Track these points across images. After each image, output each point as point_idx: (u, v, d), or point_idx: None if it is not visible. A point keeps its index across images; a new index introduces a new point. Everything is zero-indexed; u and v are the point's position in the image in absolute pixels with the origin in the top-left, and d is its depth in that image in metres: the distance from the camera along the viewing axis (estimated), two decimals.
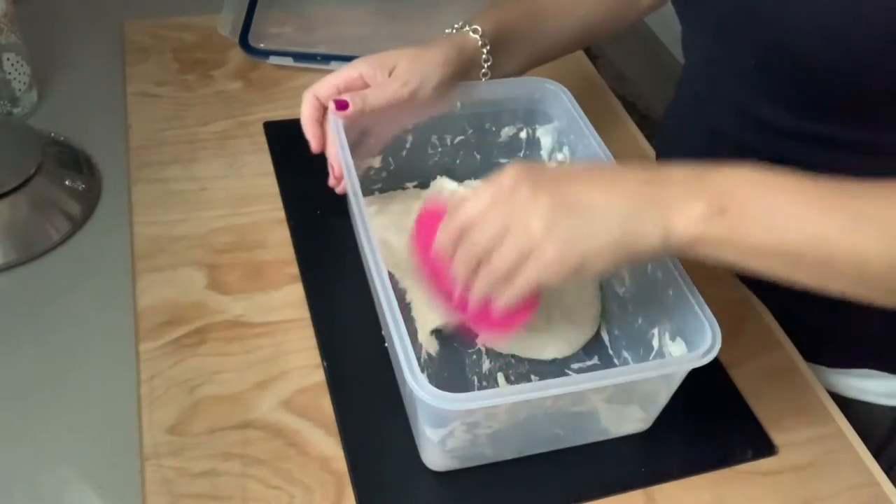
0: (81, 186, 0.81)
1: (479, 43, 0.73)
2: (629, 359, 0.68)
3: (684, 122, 0.84)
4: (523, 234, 0.52)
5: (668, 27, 2.65)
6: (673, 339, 0.62)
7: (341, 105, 0.68)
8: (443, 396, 0.52)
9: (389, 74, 0.70)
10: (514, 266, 0.53)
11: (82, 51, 0.99)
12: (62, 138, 0.86)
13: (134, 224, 0.77)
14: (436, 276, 0.60)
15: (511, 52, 0.76)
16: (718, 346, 0.56)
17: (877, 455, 0.66)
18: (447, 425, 0.56)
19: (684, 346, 0.61)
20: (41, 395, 0.65)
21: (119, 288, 0.73)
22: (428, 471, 0.62)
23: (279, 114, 0.91)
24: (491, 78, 0.76)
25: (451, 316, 0.61)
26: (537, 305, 0.59)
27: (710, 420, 0.67)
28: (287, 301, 0.72)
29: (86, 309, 0.71)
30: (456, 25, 0.74)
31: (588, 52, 1.09)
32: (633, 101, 2.14)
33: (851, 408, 0.70)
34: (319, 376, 0.67)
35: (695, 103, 0.80)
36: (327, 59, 0.99)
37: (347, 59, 0.98)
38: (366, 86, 0.70)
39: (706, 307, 0.59)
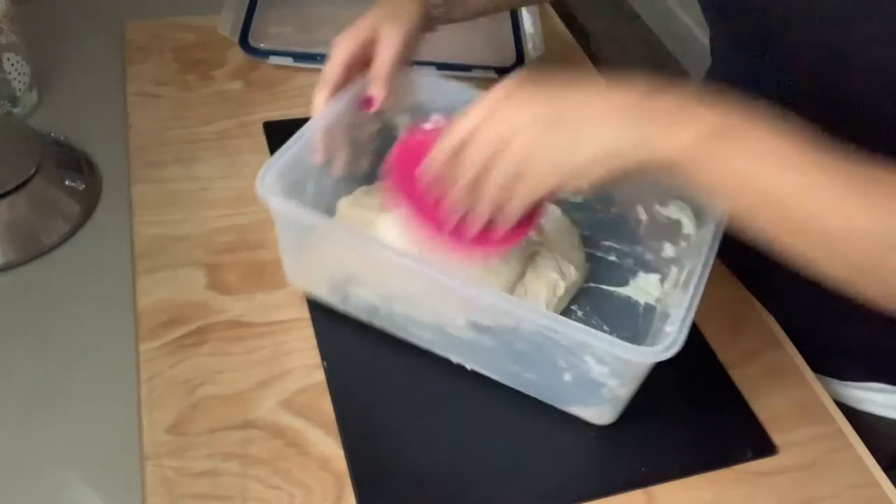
0: (81, 186, 0.81)
1: None
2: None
3: None
4: (517, 148, 0.54)
5: (669, 28, 2.65)
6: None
7: (371, 103, 0.70)
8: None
9: (375, 36, 0.71)
10: (511, 180, 0.54)
11: (82, 51, 0.99)
12: (62, 138, 0.86)
13: (134, 224, 0.77)
14: (422, 206, 0.61)
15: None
16: (675, 349, 0.56)
17: (887, 470, 0.66)
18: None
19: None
20: (41, 395, 0.65)
21: (119, 288, 0.73)
22: (429, 471, 0.62)
23: (279, 114, 0.91)
24: (446, 14, 0.76)
25: (444, 246, 0.61)
26: (539, 216, 0.60)
27: (710, 420, 0.67)
28: (287, 301, 0.72)
29: (86, 309, 0.71)
30: None
31: (588, 51, 1.09)
32: None
33: (865, 422, 0.69)
34: (319, 376, 0.67)
35: None
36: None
37: None
38: (366, 54, 0.71)
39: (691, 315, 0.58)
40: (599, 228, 0.78)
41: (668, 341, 0.56)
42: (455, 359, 0.66)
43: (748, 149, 0.51)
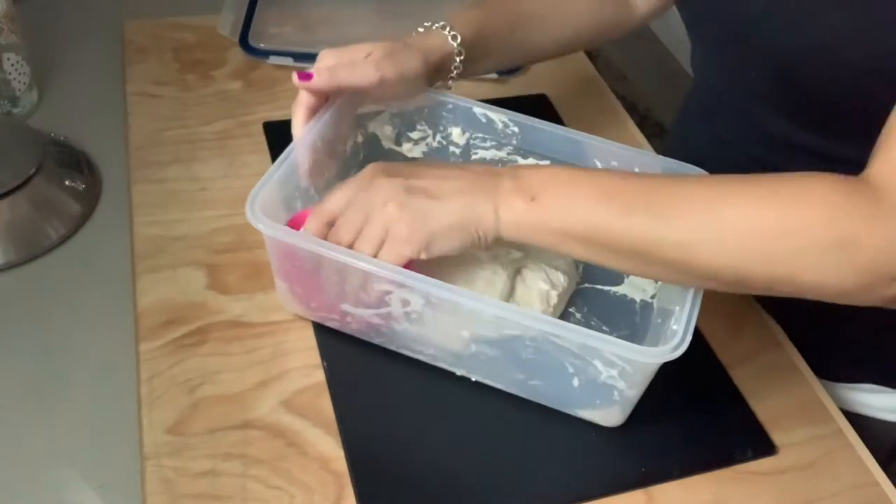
0: (81, 186, 0.81)
1: (456, 51, 0.71)
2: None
3: (691, 133, 0.84)
4: (381, 218, 0.59)
5: (669, 29, 2.65)
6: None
7: (305, 76, 0.67)
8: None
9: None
10: (378, 249, 0.59)
11: (82, 51, 0.99)
12: (62, 138, 0.86)
13: (134, 224, 0.77)
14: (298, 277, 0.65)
15: (486, 57, 0.75)
16: (684, 347, 0.57)
17: (882, 469, 0.66)
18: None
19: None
20: (41, 395, 0.65)
21: (119, 288, 0.73)
22: (429, 471, 0.62)
23: (279, 114, 0.91)
24: (457, 80, 0.75)
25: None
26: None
27: (710, 420, 0.67)
28: None
29: (86, 309, 0.71)
30: (436, 24, 0.72)
31: (588, 52, 1.09)
32: (633, 101, 2.14)
33: (857, 422, 0.69)
34: (319, 376, 0.67)
35: (702, 114, 0.80)
36: None
37: None
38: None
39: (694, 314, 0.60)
40: None
41: (676, 340, 0.57)
42: (460, 372, 0.66)
43: (567, 193, 0.57)
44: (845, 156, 0.65)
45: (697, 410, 0.68)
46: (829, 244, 0.51)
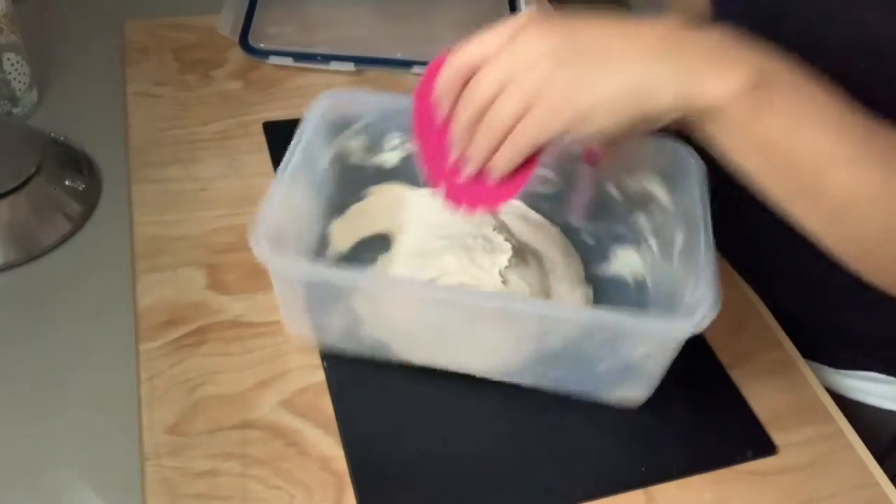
0: (81, 186, 0.81)
1: None
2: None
3: None
4: (527, 82, 0.47)
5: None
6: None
7: (593, 159, 0.63)
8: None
9: None
10: (515, 119, 0.48)
11: (82, 51, 0.99)
12: (62, 138, 0.86)
13: (134, 224, 0.77)
14: (429, 137, 0.55)
15: None
16: (709, 320, 0.53)
17: (881, 461, 0.66)
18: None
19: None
20: (41, 395, 0.65)
21: (119, 288, 0.73)
22: (429, 471, 0.62)
23: (279, 114, 0.91)
24: None
25: (440, 186, 0.56)
26: (535, 168, 0.52)
27: (710, 420, 0.67)
28: None
29: (86, 309, 0.71)
30: None
31: None
32: None
33: (855, 410, 0.69)
34: (319, 376, 0.67)
35: None
36: (327, 59, 0.99)
37: (347, 59, 0.99)
38: None
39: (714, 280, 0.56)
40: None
41: (707, 305, 0.53)
42: (480, 374, 0.66)
43: (788, 105, 0.46)
44: None
45: (697, 410, 0.68)
46: None
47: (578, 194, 0.72)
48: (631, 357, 0.59)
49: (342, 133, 0.72)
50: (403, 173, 0.75)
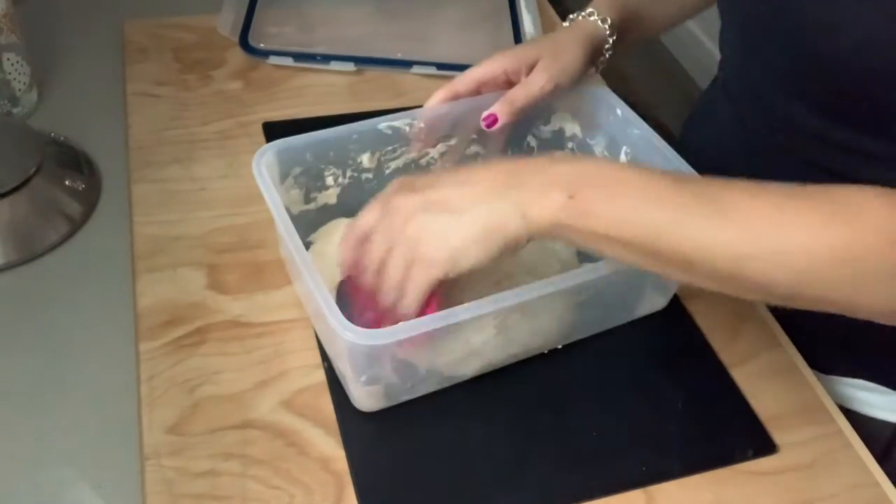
0: (81, 186, 0.81)
1: (608, 33, 0.74)
2: None
3: (715, 116, 0.84)
4: (403, 241, 0.56)
5: (672, 32, 2.65)
6: None
7: (492, 122, 0.70)
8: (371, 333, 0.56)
9: (529, 69, 0.71)
10: (404, 273, 0.57)
11: (82, 51, 0.99)
12: (62, 138, 0.86)
13: (134, 224, 0.77)
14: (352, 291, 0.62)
15: (629, 33, 0.78)
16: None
17: None
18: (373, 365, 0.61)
19: None
20: (41, 395, 0.65)
21: (119, 288, 0.73)
22: (429, 470, 0.62)
23: (279, 114, 0.91)
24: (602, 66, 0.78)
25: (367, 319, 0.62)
26: (437, 307, 0.59)
27: (710, 419, 0.67)
28: (287, 301, 0.72)
29: (86, 309, 0.71)
30: (582, 14, 0.75)
31: None
32: (634, 102, 2.14)
33: (851, 419, 0.69)
34: (319, 376, 0.67)
35: (726, 98, 0.80)
36: (327, 59, 0.99)
37: (347, 59, 0.99)
38: (508, 81, 0.72)
39: None
40: None
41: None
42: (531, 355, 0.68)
43: (613, 192, 0.54)
44: (872, 152, 0.65)
45: (697, 410, 0.68)
46: (893, 271, 0.50)
47: (489, 152, 0.79)
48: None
49: (282, 185, 0.71)
50: (346, 206, 0.74)
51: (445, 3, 1.12)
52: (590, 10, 0.75)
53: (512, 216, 0.54)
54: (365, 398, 0.63)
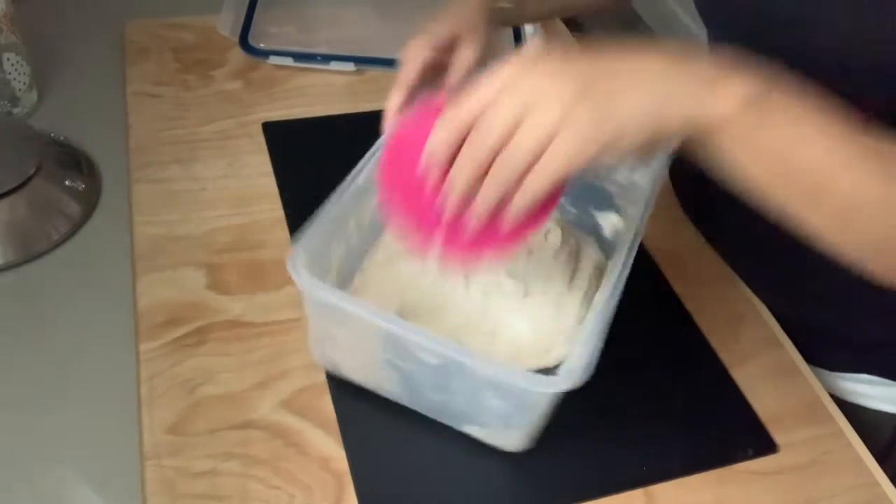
0: (81, 186, 0.81)
1: None
2: None
3: None
4: (550, 109, 0.45)
5: (669, 29, 2.65)
6: None
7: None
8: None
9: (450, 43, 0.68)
10: (536, 154, 0.46)
11: (82, 51, 0.99)
12: (62, 138, 0.86)
13: (134, 224, 0.77)
14: (414, 200, 0.51)
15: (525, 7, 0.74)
16: (575, 378, 0.52)
17: (879, 463, 0.66)
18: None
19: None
20: (41, 394, 0.65)
21: (119, 288, 0.73)
22: (430, 472, 0.62)
23: (279, 114, 0.91)
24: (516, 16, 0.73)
25: (435, 250, 0.52)
26: (552, 210, 0.50)
27: (710, 419, 0.67)
28: (287, 301, 0.72)
29: (86, 309, 0.71)
30: None
31: None
32: None
33: (853, 413, 0.69)
34: (319, 376, 0.67)
35: None
36: (327, 59, 0.99)
37: (347, 59, 0.99)
38: (440, 62, 0.68)
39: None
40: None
41: (573, 367, 0.52)
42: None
43: (787, 115, 0.48)
44: None
45: (698, 410, 0.68)
46: None
47: None
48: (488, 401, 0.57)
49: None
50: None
51: (445, 4, 1.12)
52: None
53: (679, 105, 0.47)
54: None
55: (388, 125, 0.63)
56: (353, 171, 0.63)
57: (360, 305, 0.56)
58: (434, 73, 0.67)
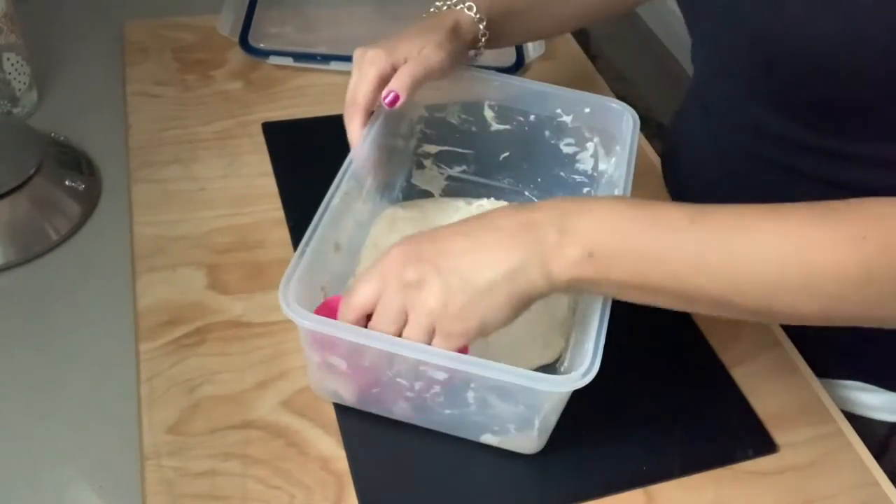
0: (81, 186, 0.81)
1: (476, 18, 0.73)
2: None
3: (693, 133, 0.84)
4: (423, 316, 0.54)
5: (669, 28, 2.65)
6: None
7: (393, 100, 0.68)
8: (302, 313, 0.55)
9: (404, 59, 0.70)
10: (428, 340, 0.55)
11: (82, 51, 0.99)
12: (62, 138, 0.86)
13: (134, 224, 0.77)
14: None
15: (505, 30, 0.76)
16: (590, 376, 0.54)
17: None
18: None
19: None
20: (41, 394, 0.65)
21: (119, 288, 0.73)
22: (430, 472, 0.62)
23: (279, 114, 0.91)
24: (482, 52, 0.75)
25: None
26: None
27: (710, 419, 0.67)
28: None
29: (86, 309, 0.71)
30: (449, 2, 0.74)
31: (587, 51, 1.09)
32: (634, 101, 2.13)
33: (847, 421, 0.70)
34: None
35: (703, 113, 0.80)
36: (327, 59, 0.99)
37: (347, 59, 0.98)
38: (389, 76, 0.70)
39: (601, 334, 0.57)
40: None
41: (584, 368, 0.54)
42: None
43: (629, 241, 0.53)
44: (853, 155, 0.65)
45: (698, 410, 0.68)
46: None
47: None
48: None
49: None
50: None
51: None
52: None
53: (534, 276, 0.53)
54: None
55: (356, 150, 0.69)
56: (328, 194, 0.65)
57: (365, 334, 0.56)
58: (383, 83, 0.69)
